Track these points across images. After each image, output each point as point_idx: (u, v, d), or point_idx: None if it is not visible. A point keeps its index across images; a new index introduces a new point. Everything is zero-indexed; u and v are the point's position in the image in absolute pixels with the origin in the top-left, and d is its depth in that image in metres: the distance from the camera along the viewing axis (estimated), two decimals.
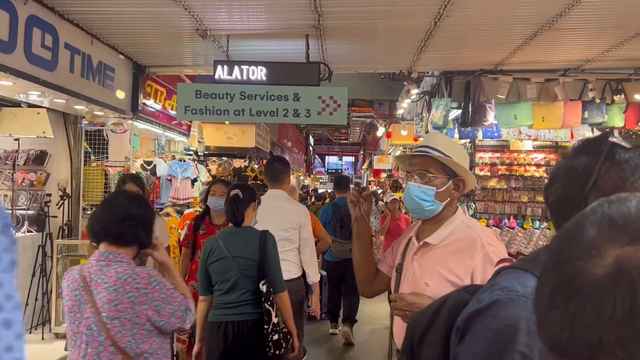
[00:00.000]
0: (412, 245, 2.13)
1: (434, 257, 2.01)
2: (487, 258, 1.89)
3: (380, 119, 16.20)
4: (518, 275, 1.05)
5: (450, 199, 2.05)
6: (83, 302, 2.07)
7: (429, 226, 2.09)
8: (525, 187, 7.16)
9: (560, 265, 0.62)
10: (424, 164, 2.05)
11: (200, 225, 4.39)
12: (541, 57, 6.80)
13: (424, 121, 8.08)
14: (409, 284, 2.05)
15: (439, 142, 2.07)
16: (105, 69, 6.02)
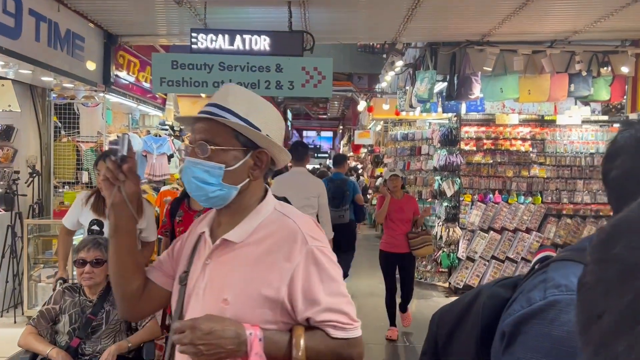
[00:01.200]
0: (204, 244, 1.50)
1: (236, 261, 1.42)
2: (310, 257, 1.37)
3: (360, 93, 15.97)
4: (576, 269, 0.86)
5: (250, 179, 1.46)
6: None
7: (227, 218, 1.48)
8: (510, 161, 7.07)
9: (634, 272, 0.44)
10: (209, 131, 1.41)
11: (177, 211, 3.75)
12: (529, 28, 6.64)
13: (408, 94, 7.90)
14: (199, 301, 1.42)
15: (234, 99, 1.46)
16: (74, 38, 5.65)
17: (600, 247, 0.51)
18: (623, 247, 0.47)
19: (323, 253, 1.40)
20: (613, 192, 0.92)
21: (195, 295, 1.45)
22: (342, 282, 1.44)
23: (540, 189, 7.08)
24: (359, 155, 20.12)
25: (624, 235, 0.48)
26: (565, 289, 0.85)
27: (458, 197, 7.02)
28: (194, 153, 1.41)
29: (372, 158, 14.81)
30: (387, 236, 5.72)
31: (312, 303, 1.36)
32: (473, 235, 6.97)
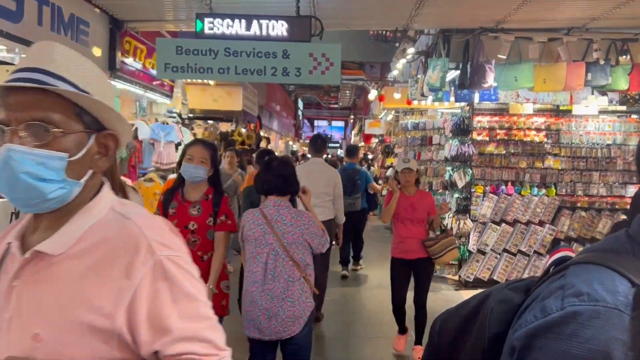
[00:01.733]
0: (11, 258, 1.11)
1: (53, 281, 1.05)
2: (159, 270, 1.05)
3: (372, 82, 15.77)
4: (600, 275, 0.75)
5: (93, 171, 1.12)
6: (267, 232, 3.11)
7: (47, 221, 1.10)
8: (524, 152, 6.89)
9: None
10: (41, 107, 1.04)
11: (170, 202, 3.39)
12: (545, 15, 6.42)
13: (419, 83, 7.72)
14: (3, 338, 1.05)
15: (63, 61, 1.12)
16: (78, 23, 5.54)
17: None
18: None
19: (177, 264, 1.07)
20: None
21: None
22: (204, 300, 1.11)
23: (555, 181, 6.90)
24: (370, 145, 19.93)
25: None
26: (587, 298, 0.73)
27: (469, 188, 6.86)
28: (19, 138, 1.02)
29: (382, 148, 14.63)
30: (396, 240, 4.82)
31: (162, 331, 1.04)
32: (484, 227, 6.81)
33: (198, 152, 3.40)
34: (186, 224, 3.36)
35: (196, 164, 3.36)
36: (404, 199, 4.70)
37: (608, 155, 6.88)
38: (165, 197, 3.49)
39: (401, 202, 4.69)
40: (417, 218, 4.68)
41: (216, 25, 5.15)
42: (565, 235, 6.85)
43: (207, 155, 3.43)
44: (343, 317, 5.88)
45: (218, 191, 3.50)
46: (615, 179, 6.88)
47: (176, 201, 3.42)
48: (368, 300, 6.47)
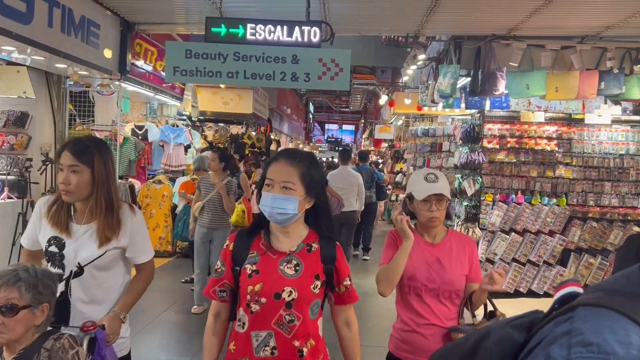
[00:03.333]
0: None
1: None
2: None
3: (383, 86, 15.71)
4: (612, 322, 0.68)
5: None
6: None
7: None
8: (535, 161, 6.80)
9: None
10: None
11: (247, 251, 2.04)
12: (558, 23, 6.35)
13: (430, 89, 7.66)
14: None
15: None
16: (89, 25, 5.57)
17: None
18: None
19: None
20: None
21: None
22: None
23: (566, 191, 6.80)
24: (380, 149, 19.87)
25: None
26: (597, 349, 0.66)
27: (479, 196, 6.79)
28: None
29: (392, 153, 14.57)
30: (401, 325, 2.65)
31: None
32: (493, 236, 6.73)
33: (279, 171, 2.00)
34: (278, 291, 1.96)
35: (279, 193, 1.97)
36: (421, 249, 2.52)
37: (621, 166, 6.77)
38: (237, 243, 2.07)
39: (417, 255, 2.49)
40: (448, 288, 2.49)
41: (226, 29, 5.14)
42: (575, 245, 6.75)
43: (295, 175, 1.99)
44: None
45: (324, 234, 2.09)
46: (627, 189, 6.78)
47: (256, 250, 2.05)
48: (374, 308, 6.42)
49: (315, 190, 2.03)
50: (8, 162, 6.07)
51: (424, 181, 2.48)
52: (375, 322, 5.95)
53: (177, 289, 6.70)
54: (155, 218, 8.25)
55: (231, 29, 5.13)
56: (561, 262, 6.78)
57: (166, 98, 8.46)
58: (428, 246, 2.55)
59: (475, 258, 2.58)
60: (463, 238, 2.66)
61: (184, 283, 6.82)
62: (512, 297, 6.64)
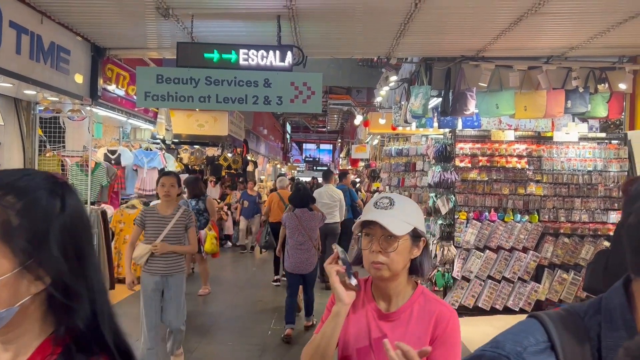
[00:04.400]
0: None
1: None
2: None
3: (359, 107, 15.88)
4: (528, 327, 0.82)
5: None
6: (298, 224, 5.67)
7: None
8: (506, 178, 6.91)
9: None
10: None
11: None
12: (525, 44, 6.54)
13: (403, 109, 7.78)
14: None
15: None
16: (58, 51, 5.53)
17: None
18: None
19: None
20: (629, 241, 0.77)
21: None
22: None
23: (537, 207, 6.91)
24: (357, 168, 19.99)
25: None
26: (495, 344, 0.81)
27: (453, 214, 6.86)
28: None
29: (368, 172, 14.66)
30: None
31: None
32: (468, 254, 6.79)
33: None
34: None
35: None
36: (367, 319, 1.72)
37: (589, 182, 6.92)
38: None
39: (357, 327, 1.72)
40: None
41: (197, 54, 5.16)
42: (549, 261, 6.84)
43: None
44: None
45: None
46: (597, 205, 6.92)
47: None
48: None
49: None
50: None
51: (373, 207, 1.66)
52: None
53: None
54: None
55: (203, 54, 5.16)
56: (535, 278, 6.86)
57: (139, 122, 8.40)
58: (376, 314, 1.70)
59: (449, 338, 1.65)
60: (434, 306, 1.70)
61: None
62: (488, 314, 6.68)
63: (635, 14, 5.31)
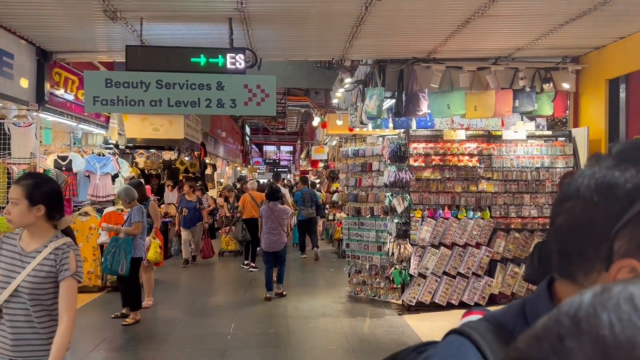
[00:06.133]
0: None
1: None
2: None
3: (317, 108, 15.93)
4: (459, 349, 0.74)
5: None
6: (270, 213, 7.90)
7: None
8: (459, 177, 7.09)
9: None
10: None
11: None
12: (473, 45, 6.72)
13: (359, 111, 7.87)
14: None
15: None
16: (1, 55, 5.35)
17: None
18: None
19: None
20: (558, 242, 0.73)
21: None
22: None
23: (489, 204, 7.12)
24: (317, 169, 20.05)
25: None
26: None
27: (408, 213, 6.98)
28: None
29: (327, 173, 14.73)
30: None
31: None
32: (424, 251, 6.93)
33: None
34: None
35: None
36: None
37: (537, 178, 7.18)
38: None
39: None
40: None
41: (148, 57, 5.08)
42: (501, 256, 7.06)
43: None
44: (285, 349, 5.78)
45: None
46: (545, 200, 7.18)
47: None
48: (312, 330, 6.41)
49: None
50: None
51: None
52: (312, 345, 5.94)
53: (106, 324, 6.43)
54: (82, 252, 7.86)
55: (153, 57, 5.07)
56: (489, 272, 7.06)
57: (90, 127, 8.20)
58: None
59: None
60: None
61: (114, 318, 6.55)
62: (445, 309, 6.83)
63: (575, 16, 5.55)
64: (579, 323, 0.41)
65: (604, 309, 0.41)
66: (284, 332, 6.33)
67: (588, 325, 0.40)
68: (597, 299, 0.42)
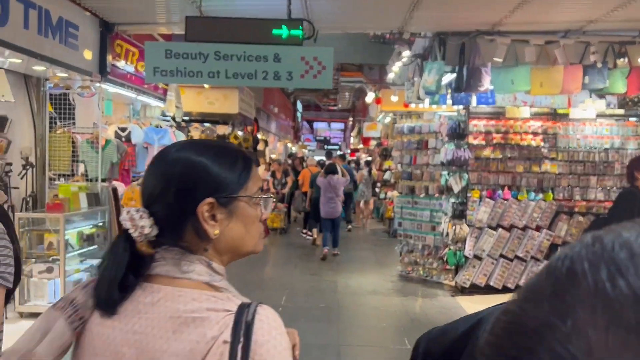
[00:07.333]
0: None
1: None
2: None
3: (370, 84, 15.68)
4: None
5: None
6: (328, 184, 9.44)
7: None
8: (521, 156, 6.80)
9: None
10: None
11: None
12: (541, 17, 6.34)
13: (416, 86, 7.63)
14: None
15: None
16: (67, 26, 5.47)
17: None
18: None
19: None
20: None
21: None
22: None
23: (552, 185, 6.80)
24: (369, 147, 19.85)
25: None
26: None
27: (466, 193, 6.77)
28: None
29: (380, 151, 14.54)
30: None
31: None
32: (481, 232, 6.72)
33: None
34: None
35: None
36: None
37: (606, 160, 6.79)
38: None
39: None
40: None
41: (206, 28, 5.07)
42: (562, 240, 6.76)
43: None
44: (336, 324, 5.78)
45: None
46: (613, 183, 6.79)
47: None
48: (362, 307, 6.38)
49: None
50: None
51: None
52: (362, 322, 5.91)
53: None
54: None
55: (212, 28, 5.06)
56: (548, 257, 6.78)
57: (149, 99, 8.35)
58: None
59: None
60: None
61: None
62: (500, 293, 6.63)
63: None
64: (576, 278, 0.36)
65: (601, 260, 0.36)
66: (334, 307, 6.33)
67: (586, 282, 0.36)
68: (588, 250, 0.38)
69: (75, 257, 5.93)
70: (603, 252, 0.38)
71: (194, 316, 0.88)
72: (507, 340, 0.40)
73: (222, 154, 1.00)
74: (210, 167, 0.96)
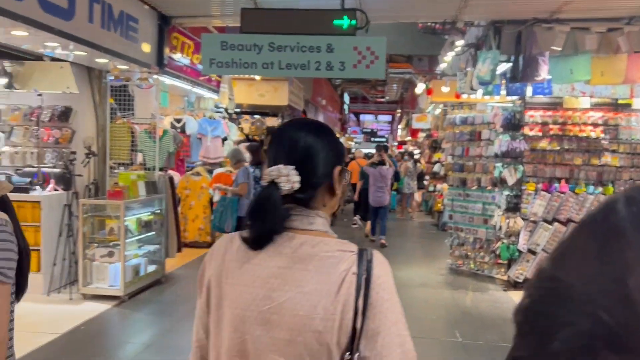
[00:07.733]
0: None
1: None
2: None
3: (420, 75, 15.47)
4: None
5: None
6: (378, 174, 9.73)
7: None
8: (579, 148, 6.56)
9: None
10: None
11: None
12: (603, 3, 6.09)
13: (468, 76, 7.49)
14: None
15: None
16: (127, 20, 5.67)
17: None
18: None
19: None
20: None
21: None
22: None
23: (612, 179, 6.54)
24: (417, 139, 19.61)
25: None
26: None
27: (520, 185, 6.61)
28: None
29: (429, 143, 14.35)
30: None
31: None
32: (535, 226, 6.55)
33: None
34: None
35: None
36: None
37: None
38: None
39: None
40: None
41: (261, 20, 5.14)
42: None
43: None
44: None
45: None
46: None
47: None
48: (411, 299, 6.35)
49: None
50: (53, 155, 6.27)
51: None
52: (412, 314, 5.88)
53: None
54: (194, 209, 8.39)
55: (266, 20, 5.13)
56: None
57: (203, 91, 8.56)
58: None
59: None
60: None
61: None
62: None
63: None
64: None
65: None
66: None
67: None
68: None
69: (134, 242, 6.18)
70: None
71: (328, 255, 1.10)
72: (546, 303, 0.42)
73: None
74: (340, 143, 1.27)
